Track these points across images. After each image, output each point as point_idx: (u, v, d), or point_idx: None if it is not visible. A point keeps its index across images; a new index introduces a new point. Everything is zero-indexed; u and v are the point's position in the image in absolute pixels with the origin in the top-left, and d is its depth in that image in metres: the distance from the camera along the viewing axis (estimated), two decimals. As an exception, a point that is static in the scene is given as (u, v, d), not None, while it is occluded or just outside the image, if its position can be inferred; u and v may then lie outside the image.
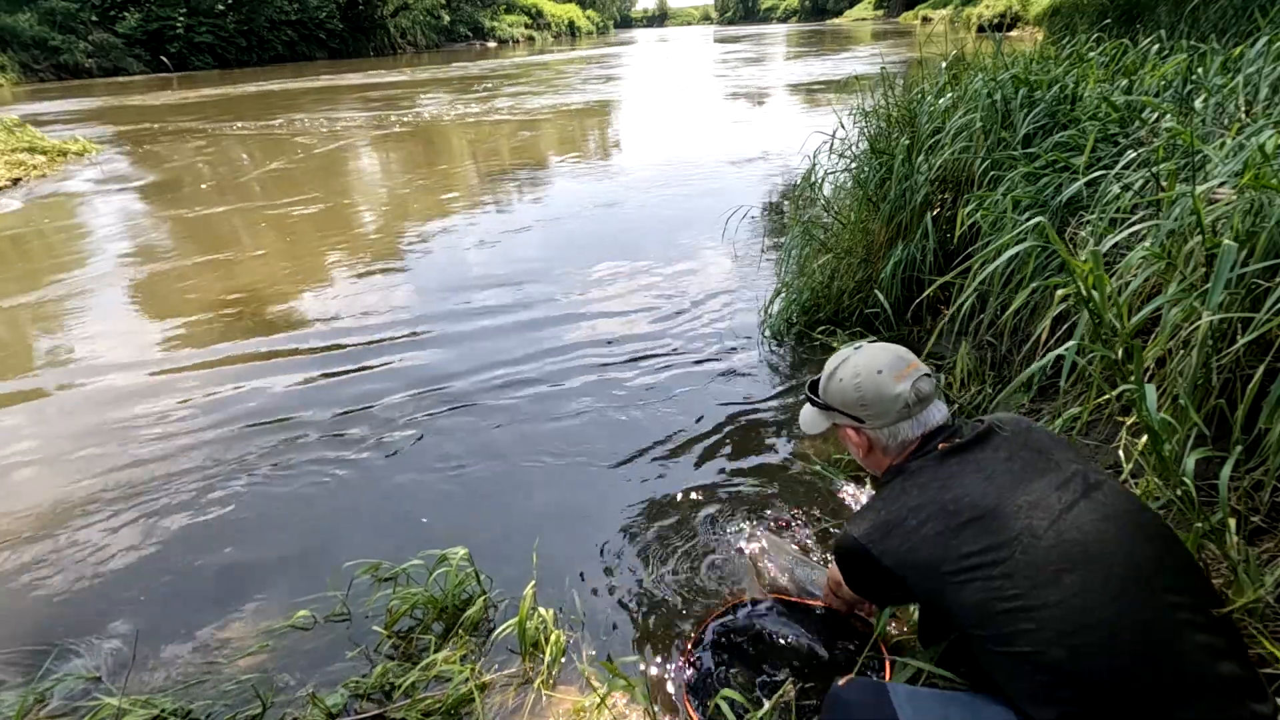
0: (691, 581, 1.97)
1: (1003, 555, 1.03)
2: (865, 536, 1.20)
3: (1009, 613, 0.99)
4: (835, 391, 1.34)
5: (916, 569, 1.12)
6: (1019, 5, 25.11)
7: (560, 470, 2.56)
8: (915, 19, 43.31)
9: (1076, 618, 0.95)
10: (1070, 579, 0.98)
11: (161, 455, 2.74)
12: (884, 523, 1.19)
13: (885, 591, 1.27)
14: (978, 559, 1.04)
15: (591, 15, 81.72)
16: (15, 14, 28.23)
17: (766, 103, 13.51)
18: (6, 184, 8.24)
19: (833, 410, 1.36)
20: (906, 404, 1.25)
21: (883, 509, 1.22)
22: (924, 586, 1.12)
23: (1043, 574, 0.99)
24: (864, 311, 3.20)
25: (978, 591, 1.03)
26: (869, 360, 1.30)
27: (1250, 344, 1.52)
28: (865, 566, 1.22)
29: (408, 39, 45.42)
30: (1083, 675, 0.93)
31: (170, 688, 1.73)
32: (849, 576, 1.31)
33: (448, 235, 5.74)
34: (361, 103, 15.97)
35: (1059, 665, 0.95)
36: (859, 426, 1.32)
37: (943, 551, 1.08)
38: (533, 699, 1.64)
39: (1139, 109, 2.58)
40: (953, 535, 1.08)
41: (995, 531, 1.05)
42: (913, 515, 1.15)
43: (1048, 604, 0.97)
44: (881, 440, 1.30)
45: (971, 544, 1.06)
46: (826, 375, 1.38)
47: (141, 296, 4.71)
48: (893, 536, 1.16)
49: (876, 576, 1.20)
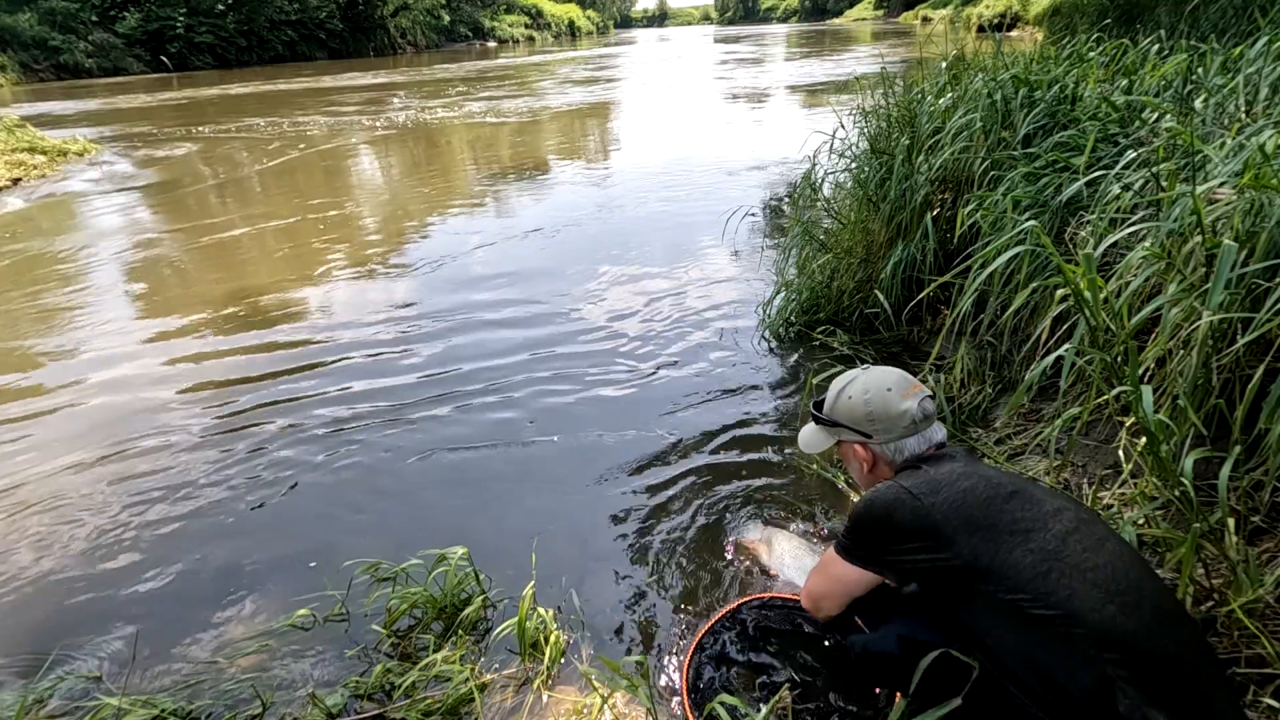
0: (691, 581, 1.97)
1: (1047, 524, 1.11)
2: (916, 488, 1.20)
3: (1054, 574, 1.06)
4: (844, 408, 1.40)
5: (969, 524, 1.13)
6: (1019, 5, 25.10)
7: (559, 470, 2.56)
8: (915, 19, 43.31)
9: (1119, 581, 1.05)
10: (1109, 546, 1.10)
11: (161, 455, 2.74)
12: (930, 480, 1.21)
13: (904, 559, 1.20)
14: (1027, 524, 1.12)
15: (591, 15, 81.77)
16: (15, 14, 28.25)
17: (766, 103, 13.50)
18: (7, 184, 8.24)
19: (840, 426, 1.41)
20: (913, 420, 1.32)
21: (920, 476, 1.24)
22: (971, 544, 1.12)
23: (1085, 542, 1.09)
24: (864, 311, 3.19)
25: (1028, 554, 1.08)
26: (878, 379, 1.37)
27: (1250, 344, 1.52)
28: (902, 522, 1.18)
29: (408, 39, 45.45)
30: (1129, 635, 1.00)
31: (170, 688, 1.73)
32: (866, 541, 1.27)
33: (449, 236, 5.74)
34: (365, 103, 15.97)
35: (1107, 624, 1.01)
36: (865, 442, 1.37)
37: (996, 513, 1.14)
38: (532, 699, 1.64)
39: (1139, 109, 2.58)
40: (1004, 501, 1.15)
41: (1034, 504, 1.15)
42: (962, 479, 1.19)
43: (1098, 566, 1.06)
44: (887, 455, 1.35)
45: (1019, 510, 1.14)
46: (835, 394, 1.44)
47: (140, 296, 4.71)
48: (943, 492, 1.18)
49: (910, 534, 1.17)
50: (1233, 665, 1.32)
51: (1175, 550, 1.44)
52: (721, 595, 1.91)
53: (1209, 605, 1.40)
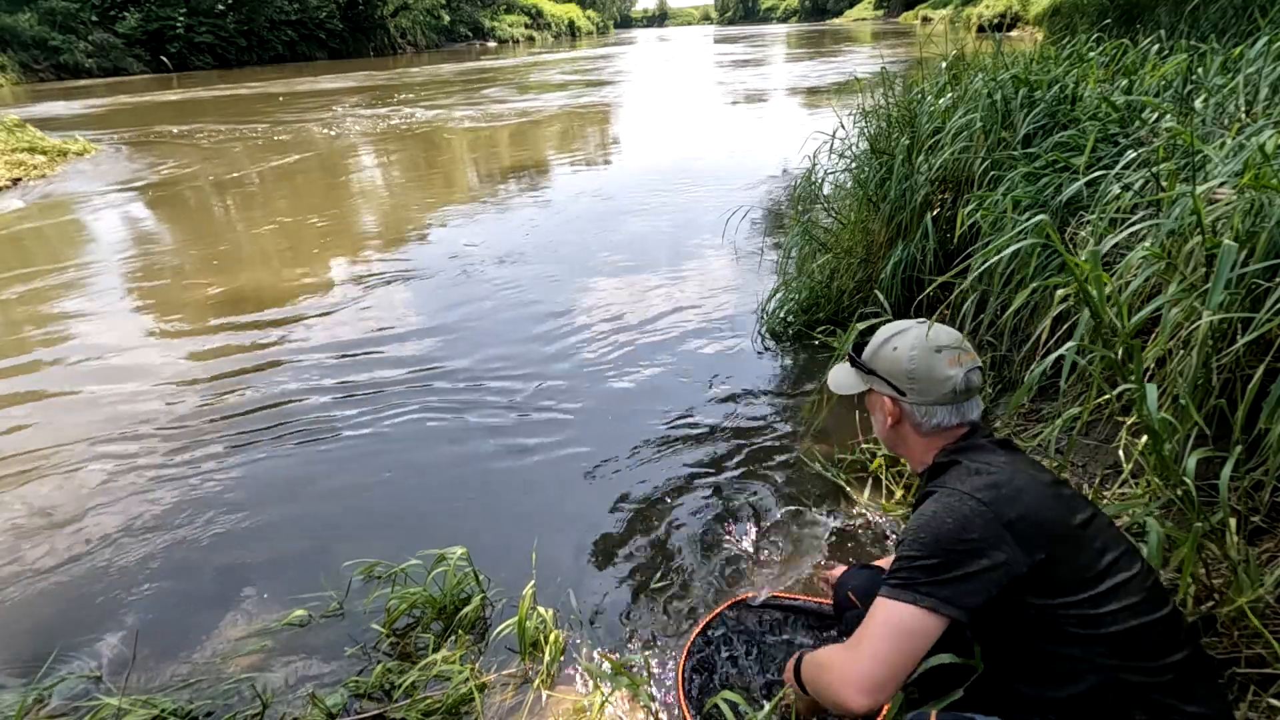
0: (691, 581, 1.97)
1: (1096, 521, 1.10)
2: (983, 494, 1.08)
3: (1114, 572, 1.05)
4: (886, 358, 1.29)
5: (1041, 527, 1.06)
6: (1019, 5, 25.10)
7: (559, 470, 2.56)
8: (915, 19, 43.32)
9: (1151, 583, 1.07)
10: (1136, 558, 1.10)
11: (160, 454, 2.74)
12: (991, 483, 1.10)
13: (977, 580, 1.04)
14: (1081, 521, 1.09)
15: (591, 15, 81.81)
16: (15, 14, 28.26)
17: (766, 103, 13.50)
18: (7, 184, 8.24)
19: (875, 376, 1.32)
20: (954, 390, 1.22)
21: (977, 474, 1.13)
22: (1044, 549, 1.04)
23: (1120, 543, 1.09)
24: (864, 311, 3.19)
25: (1088, 554, 1.07)
26: (930, 338, 1.26)
27: (1250, 344, 1.52)
28: (977, 538, 1.05)
29: (408, 39, 45.46)
30: (1178, 630, 1.04)
31: (170, 688, 1.73)
32: (937, 564, 1.05)
33: (448, 236, 5.75)
34: (365, 103, 15.97)
35: (1167, 618, 1.04)
36: (898, 399, 1.28)
37: (1061, 511, 1.09)
38: (532, 698, 1.64)
39: (1139, 109, 2.58)
40: (1066, 501, 1.12)
41: (1079, 503, 1.13)
42: (1018, 475, 1.12)
43: (1141, 571, 1.07)
44: (915, 417, 1.26)
45: (1073, 510, 1.11)
46: (880, 341, 1.33)
47: (139, 295, 4.71)
48: (1003, 496, 1.08)
49: (985, 549, 1.04)
50: (1233, 665, 1.32)
51: (1177, 550, 1.44)
52: (721, 594, 1.91)
53: (1209, 605, 1.40)
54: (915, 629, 1.04)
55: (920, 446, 1.28)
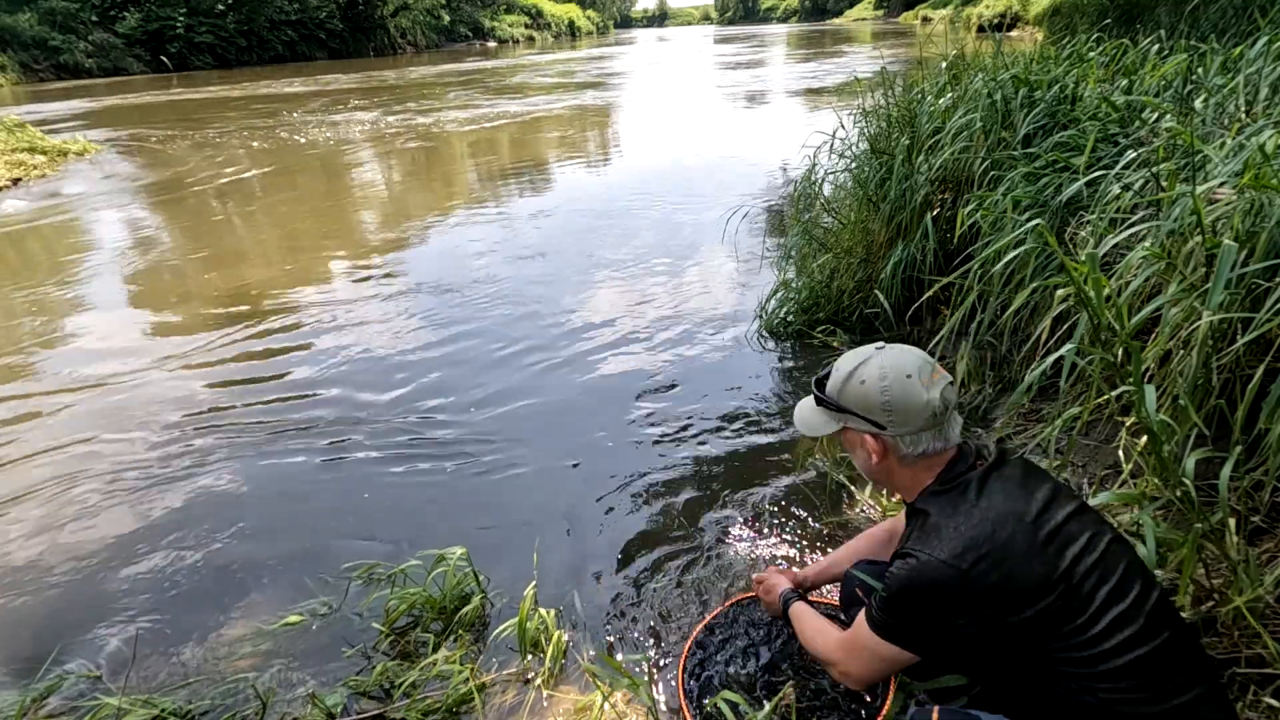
0: (691, 581, 1.97)
1: (1088, 555, 1.06)
2: (960, 559, 1.06)
3: (1109, 606, 1.02)
4: (854, 394, 1.21)
5: (1022, 592, 1.04)
6: (1019, 5, 25.09)
7: (559, 471, 2.56)
8: (915, 19, 43.30)
9: (1152, 604, 1.04)
10: (1135, 576, 1.07)
11: (160, 454, 2.74)
12: (971, 543, 1.07)
13: (949, 634, 1.10)
14: (1072, 558, 1.05)
15: (591, 15, 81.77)
16: (15, 14, 28.26)
17: (766, 104, 13.50)
18: (7, 184, 8.24)
19: (848, 413, 1.23)
20: (934, 413, 1.15)
21: (955, 534, 1.09)
22: (1030, 606, 1.04)
23: (1117, 565, 1.07)
24: (864, 311, 3.19)
25: (1078, 600, 1.03)
26: (896, 363, 1.18)
27: (1250, 344, 1.52)
28: (950, 606, 1.08)
29: (408, 39, 45.46)
30: (1184, 651, 1.03)
31: (170, 688, 1.73)
32: (911, 620, 1.13)
33: (447, 236, 5.75)
34: (365, 103, 15.97)
35: (1170, 642, 1.02)
36: (879, 433, 1.20)
37: (1048, 561, 1.05)
38: (533, 698, 1.64)
39: (1139, 109, 2.58)
40: (1054, 542, 1.07)
41: (1070, 533, 1.08)
42: (1000, 528, 1.07)
43: (1139, 596, 1.04)
44: (900, 449, 1.19)
45: (1063, 549, 1.06)
46: (843, 376, 1.23)
47: (140, 295, 4.71)
48: (982, 557, 1.06)
49: (958, 614, 1.07)
50: (1232, 665, 1.32)
51: (1176, 550, 1.44)
52: (721, 593, 1.91)
53: (1209, 605, 1.40)
54: (889, 656, 1.18)
55: (908, 477, 1.22)
